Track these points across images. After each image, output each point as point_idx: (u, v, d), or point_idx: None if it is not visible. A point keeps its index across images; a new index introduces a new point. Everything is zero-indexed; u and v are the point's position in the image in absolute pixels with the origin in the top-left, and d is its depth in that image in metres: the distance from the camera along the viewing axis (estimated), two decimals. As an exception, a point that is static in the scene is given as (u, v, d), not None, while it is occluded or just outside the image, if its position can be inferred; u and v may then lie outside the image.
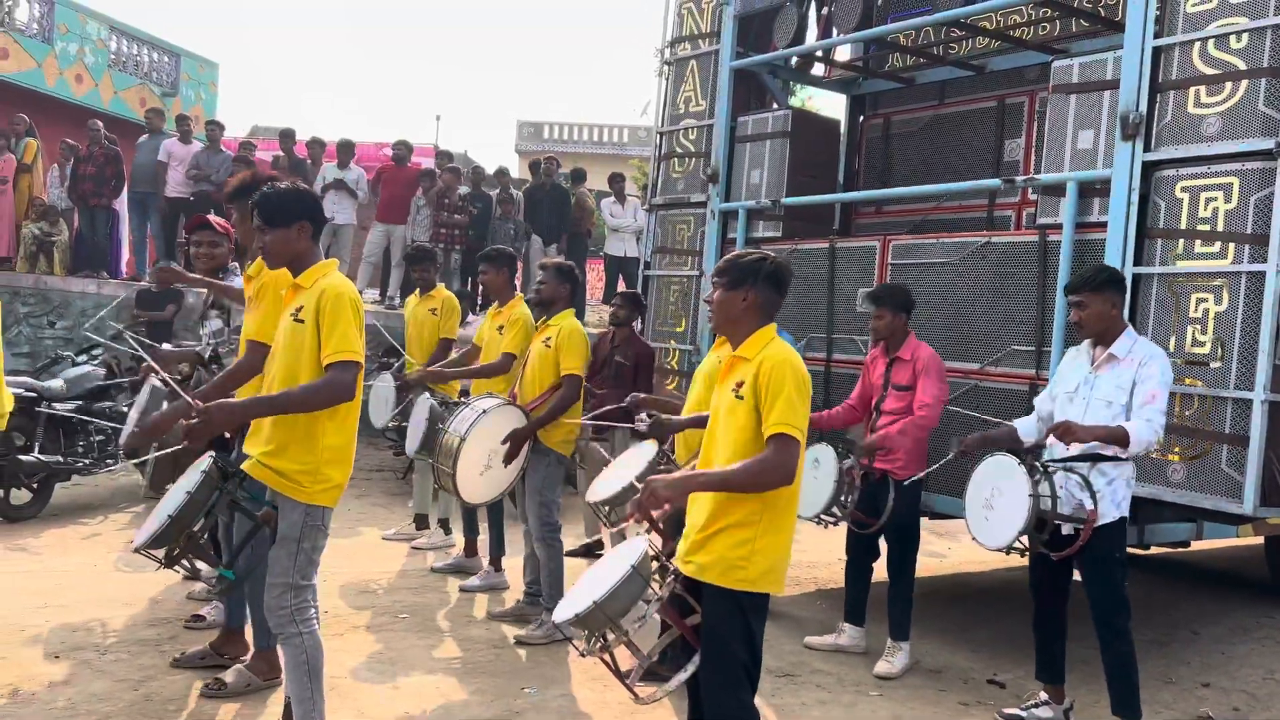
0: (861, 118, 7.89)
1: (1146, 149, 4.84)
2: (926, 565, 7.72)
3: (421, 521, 7.39)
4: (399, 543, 7.25)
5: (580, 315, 5.65)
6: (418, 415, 6.08)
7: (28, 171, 12.16)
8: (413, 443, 6.12)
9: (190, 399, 3.33)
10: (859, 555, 5.42)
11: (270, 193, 3.52)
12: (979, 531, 4.32)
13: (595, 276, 14.35)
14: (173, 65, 18.19)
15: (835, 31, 6.78)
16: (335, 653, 4.41)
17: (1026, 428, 4.54)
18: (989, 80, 7.00)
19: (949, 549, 8.37)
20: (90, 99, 16.24)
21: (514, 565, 6.09)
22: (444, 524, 7.22)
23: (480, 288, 11.48)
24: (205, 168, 11.73)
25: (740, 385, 3.07)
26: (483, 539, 6.43)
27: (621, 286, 12.09)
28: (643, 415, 4.16)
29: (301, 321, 3.39)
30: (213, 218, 5.12)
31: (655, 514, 3.20)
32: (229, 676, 4.31)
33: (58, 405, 7.58)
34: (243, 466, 3.40)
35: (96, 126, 12.19)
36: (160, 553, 3.36)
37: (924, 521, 6.76)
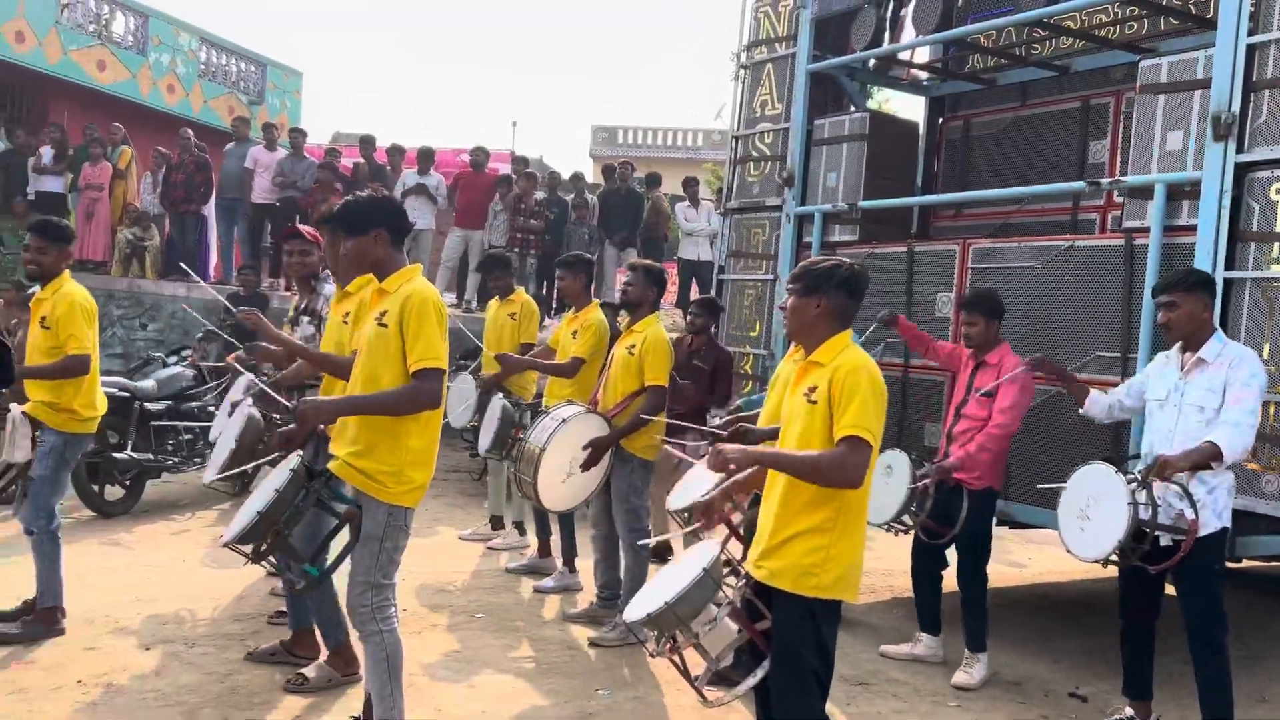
0: (940, 120, 7.78)
1: (1239, 150, 4.70)
2: (1006, 575, 7.58)
3: (497, 522, 7.48)
4: (475, 543, 7.34)
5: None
6: (490, 414, 6.15)
7: (122, 178, 12.63)
8: (484, 441, 6.20)
9: (284, 400, 3.45)
10: (925, 564, 5.33)
11: (350, 201, 3.65)
12: (1074, 543, 4.22)
13: (669, 280, 14.37)
14: (259, 74, 18.69)
15: (914, 33, 6.70)
16: (413, 651, 4.48)
17: (1098, 402, 4.54)
18: (1073, 81, 6.85)
19: (1029, 558, 8.20)
20: (181, 108, 16.77)
21: (587, 566, 6.12)
22: (519, 526, 7.30)
23: (556, 292, 11.59)
24: (290, 174, 12.04)
25: (813, 390, 3.05)
26: (555, 539, 6.48)
27: (695, 291, 12.09)
28: (719, 418, 4.16)
29: (385, 326, 3.45)
30: (302, 227, 5.30)
31: (727, 510, 3.21)
32: (311, 672, 4.41)
33: (149, 405, 7.84)
34: (329, 466, 3.48)
35: (187, 135, 12.60)
36: (248, 548, 3.46)
37: (1005, 530, 6.64)
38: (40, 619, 4.79)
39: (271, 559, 3.53)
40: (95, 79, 15.44)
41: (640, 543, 5.56)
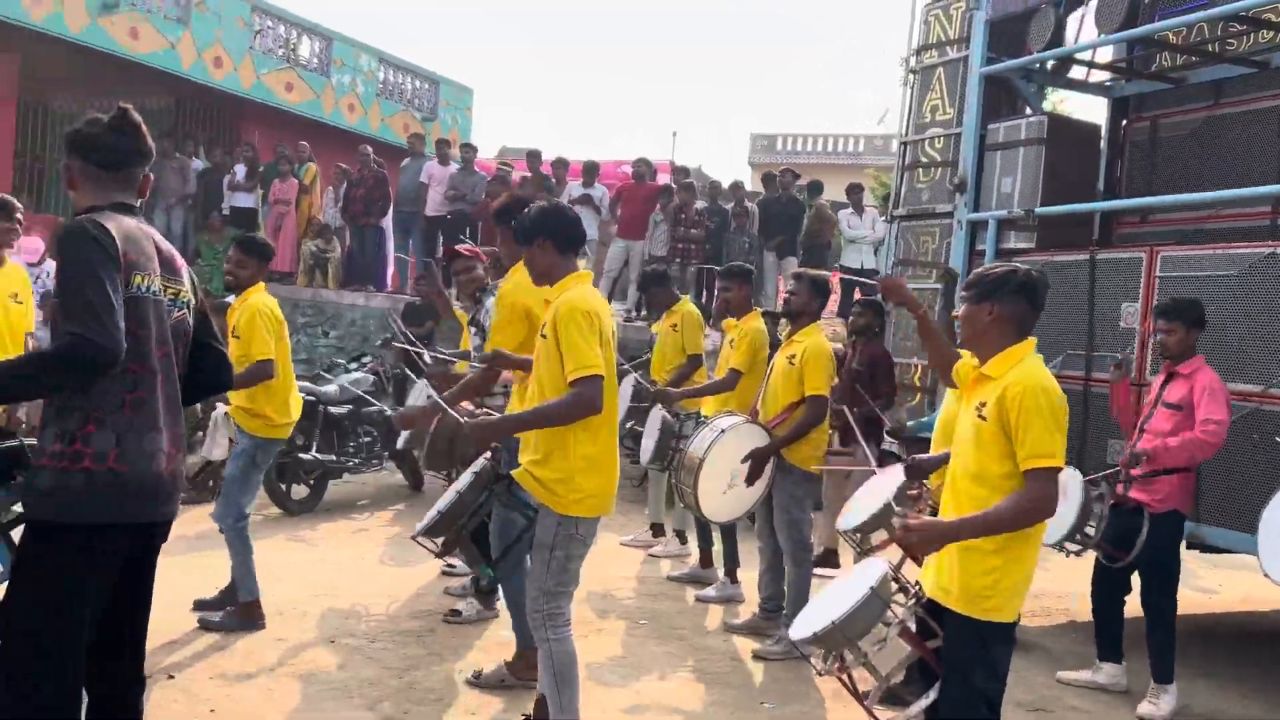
0: (1124, 121, 7.41)
1: None
2: (1197, 601, 7.14)
3: (657, 529, 7.55)
4: (636, 549, 7.42)
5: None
6: (650, 425, 6.22)
7: (307, 194, 13.34)
8: (646, 454, 6.27)
9: (456, 414, 3.61)
10: (1105, 590, 5.06)
11: (523, 214, 3.75)
12: (1273, 567, 3.96)
13: (831, 290, 14.16)
14: (432, 92, 19.46)
15: (1096, 32, 6.41)
16: (579, 654, 4.54)
17: None
18: (1273, 77, 6.40)
19: (1219, 585, 7.70)
20: (361, 125, 17.62)
21: (749, 578, 6.10)
22: (680, 534, 7.34)
23: (715, 301, 11.61)
24: (461, 188, 12.49)
25: (983, 406, 2.94)
26: (717, 549, 6.48)
27: (856, 298, 11.90)
28: (889, 443, 4.09)
29: (545, 337, 3.54)
30: (462, 246, 5.56)
31: (897, 529, 3.15)
32: (488, 668, 4.56)
33: (333, 409, 8.26)
34: (513, 473, 3.59)
35: (366, 152, 13.22)
36: (438, 542, 3.62)
37: (1191, 554, 6.26)
38: (242, 612, 5.10)
39: (457, 554, 3.68)
40: (284, 100, 16.40)
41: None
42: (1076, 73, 7.64)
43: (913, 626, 3.08)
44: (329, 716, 4.15)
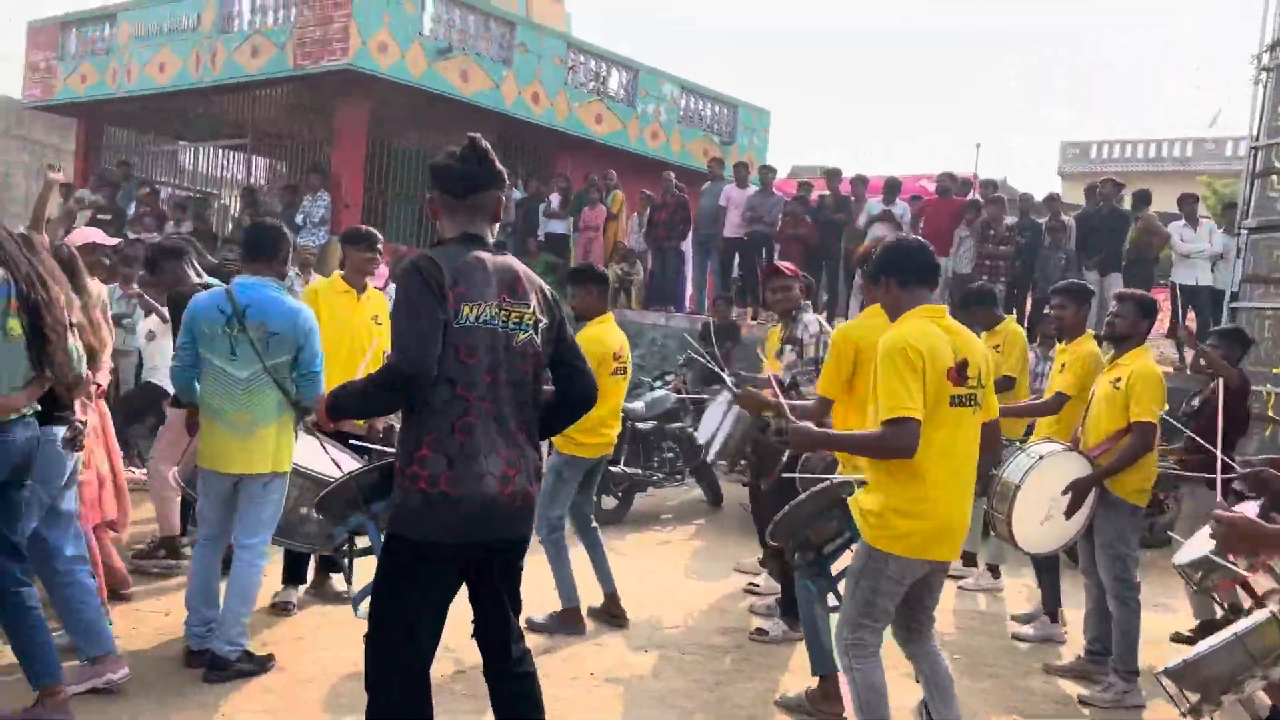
0: None
1: None
2: None
3: (968, 560, 7.24)
4: (948, 580, 7.15)
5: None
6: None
7: (614, 219, 13.98)
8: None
9: (790, 416, 3.69)
10: None
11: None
12: None
13: (1159, 309, 13.04)
14: (730, 116, 19.82)
15: None
16: (892, 688, 4.43)
17: None
18: None
19: None
20: (662, 151, 18.23)
21: (1074, 619, 5.72)
22: (993, 569, 7.00)
23: (1028, 320, 11.03)
24: (759, 210, 12.65)
25: None
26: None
27: (1191, 320, 10.89)
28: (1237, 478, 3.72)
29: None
30: (782, 264, 5.58)
31: (1241, 570, 2.86)
32: (791, 691, 4.56)
33: (640, 424, 8.58)
34: (848, 498, 3.58)
35: (669, 178, 13.68)
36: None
37: None
38: (563, 617, 5.39)
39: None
40: (593, 131, 17.28)
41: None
42: None
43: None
44: (647, 725, 4.30)
